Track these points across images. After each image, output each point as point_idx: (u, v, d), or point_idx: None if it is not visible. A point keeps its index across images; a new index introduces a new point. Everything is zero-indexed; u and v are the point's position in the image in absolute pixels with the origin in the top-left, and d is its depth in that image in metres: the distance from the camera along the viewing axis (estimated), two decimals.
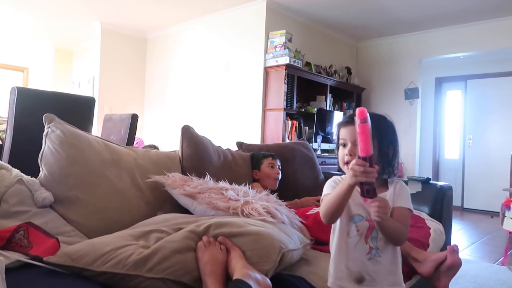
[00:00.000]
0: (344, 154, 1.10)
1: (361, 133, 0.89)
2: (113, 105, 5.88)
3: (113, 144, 1.79)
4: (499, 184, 5.32)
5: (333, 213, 1.03)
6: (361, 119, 0.89)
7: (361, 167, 0.90)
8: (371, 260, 1.09)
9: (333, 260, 1.14)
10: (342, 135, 1.12)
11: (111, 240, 1.25)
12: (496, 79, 6.15)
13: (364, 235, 1.09)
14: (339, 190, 0.98)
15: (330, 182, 1.15)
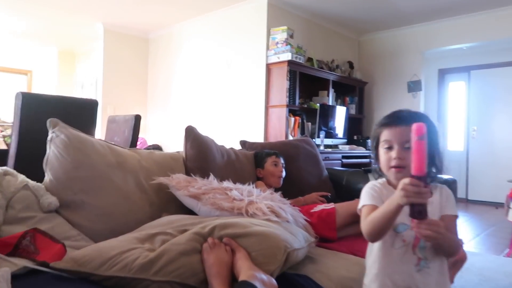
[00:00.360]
0: (389, 157, 1.02)
1: (417, 151, 0.82)
2: (117, 106, 5.90)
3: (117, 147, 1.80)
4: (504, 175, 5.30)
5: (379, 233, 0.96)
6: (419, 135, 0.82)
7: (415, 188, 0.82)
8: (420, 272, 1.00)
9: (377, 275, 1.04)
10: (386, 136, 1.03)
11: (117, 244, 1.26)
12: (499, 69, 6.10)
13: (411, 245, 1.00)
14: (386, 210, 0.91)
15: (368, 190, 1.06)
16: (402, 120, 1.01)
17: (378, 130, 1.06)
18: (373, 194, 1.03)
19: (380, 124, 1.06)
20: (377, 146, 1.07)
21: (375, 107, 5.92)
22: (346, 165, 4.59)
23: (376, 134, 1.07)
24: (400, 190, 0.84)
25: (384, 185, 1.06)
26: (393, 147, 1.01)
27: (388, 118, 1.05)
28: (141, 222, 1.59)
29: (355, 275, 1.46)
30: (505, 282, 2.62)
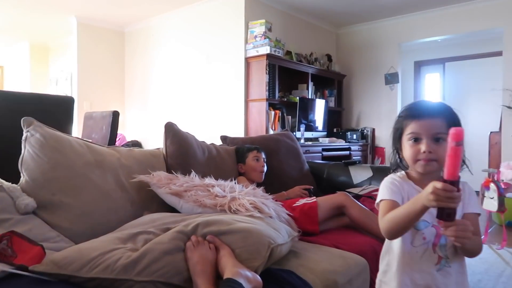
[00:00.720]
0: (417, 150, 0.97)
1: (453, 156, 0.78)
2: (93, 101, 5.77)
3: (95, 145, 1.76)
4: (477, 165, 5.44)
5: (399, 232, 0.92)
6: (457, 141, 0.78)
7: (447, 193, 0.78)
8: (440, 271, 0.97)
9: (395, 273, 1.00)
10: (414, 129, 0.98)
11: (98, 244, 1.24)
12: (473, 60, 6.26)
13: (432, 243, 0.97)
14: (409, 209, 0.87)
15: (388, 184, 1.01)
16: (430, 112, 0.98)
17: (404, 122, 1.01)
18: (392, 188, 0.99)
19: (406, 115, 1.01)
20: (399, 138, 1.03)
21: (353, 100, 5.98)
22: (326, 158, 4.63)
23: (400, 125, 1.02)
24: (430, 194, 0.80)
25: (404, 178, 1.02)
26: (422, 139, 0.96)
27: (415, 110, 1.00)
28: (123, 222, 1.57)
29: (338, 268, 1.48)
30: (481, 268, 2.72)
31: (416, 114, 0.99)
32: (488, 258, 2.95)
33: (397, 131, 1.03)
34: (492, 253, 3.07)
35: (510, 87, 4.60)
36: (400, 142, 1.03)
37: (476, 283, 2.45)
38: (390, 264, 1.02)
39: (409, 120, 0.99)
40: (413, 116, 0.99)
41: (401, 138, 1.02)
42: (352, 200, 1.93)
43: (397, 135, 1.03)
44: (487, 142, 5.88)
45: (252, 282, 1.10)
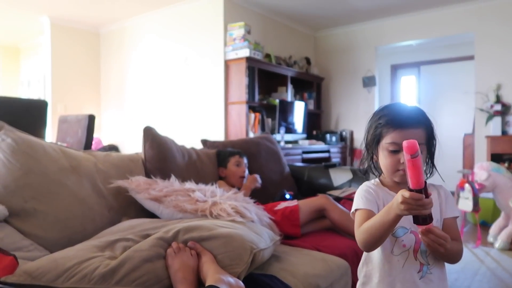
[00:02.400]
0: (396, 160, 0.95)
1: (411, 168, 0.79)
2: (68, 104, 5.62)
3: (70, 150, 1.70)
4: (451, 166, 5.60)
5: (376, 242, 0.90)
6: (412, 154, 0.78)
7: (417, 201, 0.79)
8: (422, 279, 0.94)
9: (376, 284, 0.97)
10: (394, 139, 0.95)
11: (74, 253, 1.20)
12: (446, 64, 6.44)
13: (413, 249, 0.94)
14: (384, 219, 0.85)
15: (363, 193, 0.99)
16: (411, 123, 0.95)
17: (384, 130, 0.97)
18: (368, 197, 0.97)
19: (386, 124, 0.97)
20: (377, 144, 1.00)
21: (332, 102, 6.04)
22: (306, 160, 4.66)
23: (379, 132, 0.98)
24: (400, 203, 0.80)
25: (378, 186, 1.01)
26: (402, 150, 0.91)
27: (397, 119, 0.96)
28: (100, 228, 1.52)
29: (320, 271, 1.48)
30: (457, 267, 2.78)
31: (398, 124, 0.95)
32: (464, 257, 2.99)
33: (375, 138, 1.00)
34: (468, 252, 3.14)
35: (482, 90, 4.74)
36: (376, 148, 1.00)
37: (453, 282, 2.50)
38: (370, 276, 0.99)
39: (390, 129, 0.96)
40: (394, 125, 0.95)
41: (378, 144, 1.00)
42: (333, 203, 1.93)
43: (375, 141, 1.00)
44: (461, 144, 6.06)
45: None
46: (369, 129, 1.03)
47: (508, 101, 4.57)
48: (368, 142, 1.02)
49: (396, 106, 1.02)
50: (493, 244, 3.34)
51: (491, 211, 3.86)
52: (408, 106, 1.01)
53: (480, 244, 3.32)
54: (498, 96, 4.61)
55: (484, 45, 4.77)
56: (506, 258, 2.99)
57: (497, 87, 4.63)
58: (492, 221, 3.57)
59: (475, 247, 3.27)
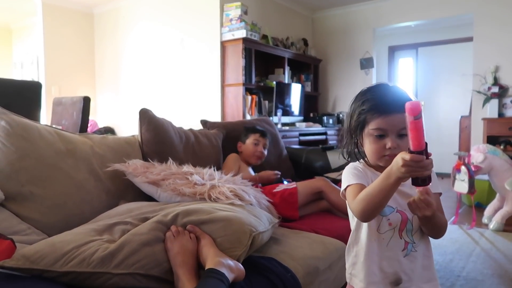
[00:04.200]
0: (382, 146, 0.94)
1: (414, 130, 0.78)
2: (62, 86, 5.55)
3: (66, 133, 1.68)
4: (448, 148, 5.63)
5: (375, 210, 0.89)
6: (415, 116, 0.77)
7: (418, 163, 0.78)
8: (407, 257, 0.96)
9: (363, 263, 0.98)
10: (379, 124, 0.94)
11: (72, 237, 1.19)
12: (445, 46, 6.39)
13: (398, 228, 0.96)
14: (383, 185, 0.84)
15: (352, 170, 0.98)
16: (396, 108, 0.93)
17: (368, 116, 0.96)
18: (357, 174, 0.97)
19: (370, 109, 0.95)
20: (361, 130, 0.98)
21: (329, 84, 6.00)
22: (303, 143, 4.65)
23: (362, 119, 0.97)
24: (401, 167, 0.79)
25: (365, 166, 1.00)
26: (388, 135, 0.94)
27: (381, 104, 0.94)
28: (98, 212, 1.51)
29: (318, 253, 1.49)
30: (452, 248, 2.81)
31: (382, 109, 0.94)
32: (459, 238, 3.06)
33: (359, 124, 0.98)
34: (462, 233, 3.18)
35: (480, 72, 4.72)
36: (361, 134, 0.99)
37: (448, 262, 2.53)
38: (358, 255, 1.00)
39: (374, 115, 0.94)
40: (379, 111, 0.94)
41: (362, 130, 0.98)
42: (331, 185, 1.93)
43: (359, 127, 0.98)
44: (457, 126, 6.07)
45: (234, 271, 1.09)
46: (352, 114, 1.00)
47: (505, 83, 4.56)
48: (352, 128, 1.01)
49: (378, 90, 0.99)
50: (487, 225, 3.37)
51: (486, 193, 3.89)
52: (391, 88, 0.99)
53: (475, 226, 3.35)
54: (496, 78, 4.59)
55: (483, 27, 4.72)
56: (500, 239, 3.03)
57: (495, 69, 4.61)
58: (487, 203, 3.60)
59: (470, 228, 3.30)
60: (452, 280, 2.25)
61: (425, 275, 0.99)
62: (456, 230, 3.27)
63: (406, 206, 0.95)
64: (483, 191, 3.90)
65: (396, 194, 0.94)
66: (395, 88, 0.99)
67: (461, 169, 3.33)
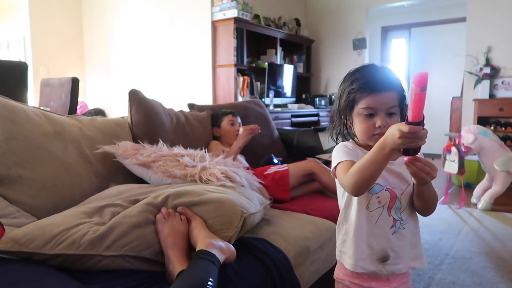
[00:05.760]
0: (372, 124, 0.94)
1: (417, 101, 0.76)
2: (50, 67, 5.43)
3: (54, 115, 1.65)
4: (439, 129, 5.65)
5: (368, 182, 0.87)
6: (422, 87, 0.75)
7: (415, 134, 0.77)
8: (395, 234, 0.98)
9: (352, 240, 0.99)
10: (368, 103, 0.94)
11: (62, 219, 1.18)
12: (437, 26, 6.35)
13: (387, 206, 0.97)
14: (377, 157, 0.83)
15: (343, 148, 0.98)
16: (385, 86, 0.94)
17: (357, 95, 0.96)
18: (347, 151, 0.96)
19: (359, 88, 0.95)
20: (351, 110, 0.98)
21: (322, 65, 5.96)
22: (295, 124, 4.64)
23: (352, 98, 0.97)
24: (398, 138, 0.78)
25: (355, 145, 1.00)
26: (377, 114, 0.94)
27: (370, 83, 0.95)
28: (88, 194, 1.50)
29: (309, 234, 1.50)
30: (441, 227, 2.86)
31: (371, 88, 0.94)
32: (448, 217, 3.10)
33: (348, 104, 0.98)
34: (452, 213, 3.23)
35: (472, 53, 4.71)
36: (350, 114, 0.99)
37: (436, 241, 2.58)
38: (348, 233, 1.01)
39: (363, 93, 0.94)
40: (368, 90, 0.94)
41: (351, 110, 0.98)
42: (322, 167, 1.94)
43: (348, 107, 0.98)
44: (449, 106, 6.09)
45: (225, 253, 1.09)
46: (341, 94, 1.01)
47: (497, 64, 4.56)
48: (341, 108, 1.01)
49: (367, 69, 0.99)
50: (476, 205, 3.43)
51: (475, 173, 3.94)
52: (379, 68, 0.99)
53: (464, 205, 3.40)
54: (488, 59, 4.59)
55: (476, 7, 4.68)
56: (488, 218, 3.08)
57: (487, 50, 4.60)
58: (477, 183, 3.66)
59: (459, 208, 3.35)
60: (440, 258, 2.29)
61: (412, 252, 1.01)
62: (446, 210, 3.32)
63: (395, 184, 0.98)
64: (473, 172, 3.95)
65: (386, 172, 0.95)
66: (383, 68, 0.99)
67: (451, 149, 3.35)
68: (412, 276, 2.03)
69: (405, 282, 1.04)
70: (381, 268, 0.98)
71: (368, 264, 0.98)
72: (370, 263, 0.98)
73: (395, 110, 0.95)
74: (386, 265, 0.98)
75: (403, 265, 1.00)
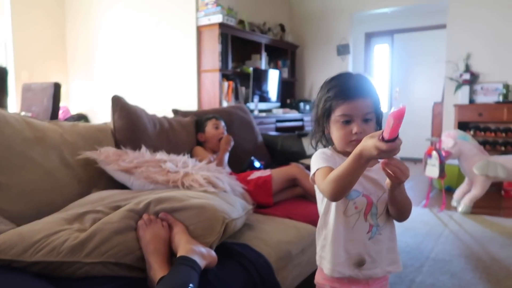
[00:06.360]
0: (349, 131, 0.97)
1: (394, 128, 0.77)
2: (33, 72, 5.35)
3: (34, 120, 1.63)
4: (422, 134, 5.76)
5: (346, 189, 0.89)
6: (399, 120, 0.77)
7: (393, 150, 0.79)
8: (372, 240, 1.00)
9: (330, 245, 1.01)
10: (345, 111, 0.96)
11: (42, 226, 1.17)
12: (419, 33, 6.48)
13: (363, 212, 0.99)
14: (353, 166, 0.84)
15: (321, 155, 1.00)
16: (360, 93, 0.97)
17: (334, 103, 0.98)
18: (326, 158, 0.98)
19: (335, 96, 0.98)
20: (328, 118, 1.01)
21: (306, 71, 6.02)
22: (280, 129, 4.67)
23: (329, 106, 0.99)
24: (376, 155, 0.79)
25: (333, 151, 1.02)
26: (354, 121, 0.96)
27: (345, 90, 0.97)
28: (69, 201, 1.49)
29: (291, 238, 1.52)
30: (423, 231, 2.91)
31: (347, 95, 0.96)
32: (429, 221, 3.16)
33: (325, 112, 1.00)
34: (433, 216, 3.29)
35: (452, 59, 4.82)
36: (327, 121, 1.01)
37: (418, 244, 2.62)
38: (327, 238, 1.03)
39: (339, 101, 0.97)
40: (344, 97, 0.96)
41: (328, 118, 1.01)
42: (305, 172, 1.96)
43: (325, 115, 1.01)
44: (430, 112, 6.21)
45: (206, 258, 1.10)
46: (319, 103, 1.03)
47: (476, 70, 4.67)
48: (319, 116, 1.03)
49: (343, 77, 1.02)
50: (456, 208, 3.50)
51: (456, 177, 4.03)
52: (354, 76, 1.02)
53: (445, 209, 3.47)
54: (468, 65, 4.70)
55: (457, 14, 4.80)
56: (468, 221, 3.15)
57: (467, 56, 4.71)
58: (457, 187, 3.73)
59: (440, 211, 3.42)
60: (421, 261, 2.34)
61: (389, 257, 1.03)
62: (427, 213, 3.38)
63: (372, 190, 1.00)
64: (453, 176, 4.03)
65: (363, 178, 0.98)
66: (358, 75, 1.02)
67: (432, 154, 3.42)
68: (393, 279, 2.07)
69: (384, 285, 1.06)
70: (357, 273, 1.00)
71: (345, 269, 1.00)
72: (347, 267, 1.00)
73: (370, 116, 0.97)
74: (362, 270, 1.00)
75: (380, 270, 1.02)
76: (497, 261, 2.34)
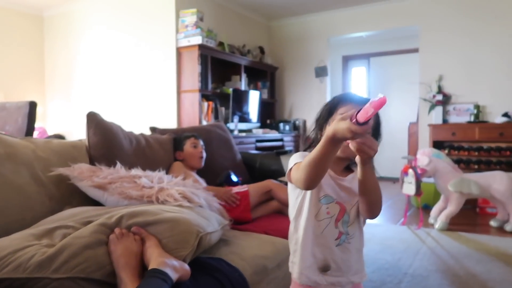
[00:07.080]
0: None
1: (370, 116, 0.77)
2: (8, 92, 5.27)
3: (6, 137, 1.60)
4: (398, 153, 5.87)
5: (319, 174, 0.88)
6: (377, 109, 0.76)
7: (364, 132, 0.79)
8: (339, 247, 1.01)
9: (299, 248, 1.02)
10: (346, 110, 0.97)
11: (8, 242, 1.14)
12: (394, 56, 6.71)
13: (335, 218, 1.01)
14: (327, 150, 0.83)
15: (299, 154, 1.02)
16: (361, 100, 1.00)
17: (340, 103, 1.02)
18: (304, 154, 0.99)
19: (339, 99, 1.03)
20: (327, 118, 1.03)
21: (286, 92, 6.11)
22: (260, 148, 4.69)
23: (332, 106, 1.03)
24: (348, 136, 0.79)
25: None
26: None
27: (348, 96, 1.04)
28: (40, 218, 1.45)
29: (267, 252, 1.51)
30: (401, 248, 2.93)
31: (349, 98, 1.02)
32: (407, 238, 3.19)
33: (327, 111, 1.03)
34: (411, 234, 3.32)
35: (425, 81, 4.99)
36: (326, 122, 1.03)
37: (396, 261, 2.63)
38: (297, 242, 1.04)
39: (342, 102, 1.02)
40: (347, 100, 1.02)
41: (328, 119, 1.03)
42: (278, 184, 2.00)
43: (327, 115, 1.03)
44: (406, 132, 6.37)
45: (179, 271, 1.08)
46: (325, 106, 1.06)
47: (448, 92, 4.85)
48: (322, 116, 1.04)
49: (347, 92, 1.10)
50: (433, 225, 3.55)
51: (432, 195, 4.10)
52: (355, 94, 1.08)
53: (422, 226, 3.52)
54: (440, 86, 4.87)
55: (428, 38, 5.01)
56: (445, 238, 3.19)
57: (439, 78, 4.89)
58: (434, 204, 3.80)
59: (418, 228, 3.46)
60: (399, 277, 2.35)
61: (355, 267, 1.04)
62: (405, 231, 3.41)
63: (346, 198, 1.02)
64: (430, 193, 4.10)
65: (337, 187, 1.01)
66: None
67: (408, 172, 3.49)
68: None
69: None
70: (321, 278, 1.01)
71: (311, 273, 1.01)
72: (312, 271, 1.01)
73: None
74: (326, 275, 1.01)
75: (344, 279, 1.02)
76: (473, 276, 2.37)
